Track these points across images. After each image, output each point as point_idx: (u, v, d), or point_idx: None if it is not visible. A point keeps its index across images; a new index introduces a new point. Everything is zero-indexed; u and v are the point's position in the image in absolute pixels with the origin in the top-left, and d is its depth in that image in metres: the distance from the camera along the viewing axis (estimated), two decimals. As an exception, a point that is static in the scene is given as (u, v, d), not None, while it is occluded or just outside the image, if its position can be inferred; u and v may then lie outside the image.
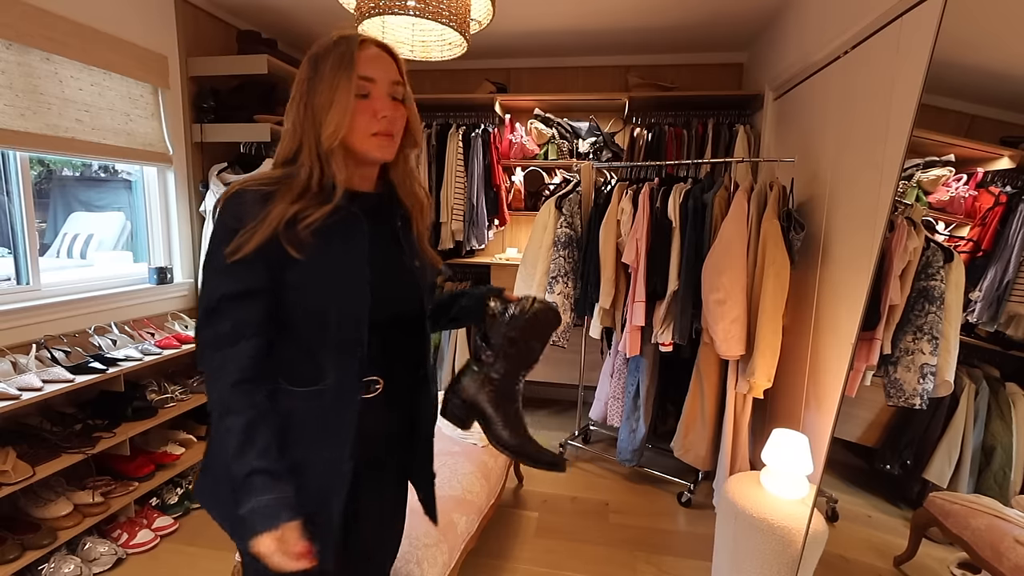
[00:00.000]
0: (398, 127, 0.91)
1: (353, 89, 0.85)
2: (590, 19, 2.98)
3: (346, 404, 0.89)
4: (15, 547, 1.73)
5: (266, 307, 0.86)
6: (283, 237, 0.83)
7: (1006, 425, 1.18)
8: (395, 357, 0.97)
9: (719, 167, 3.03)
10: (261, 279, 0.85)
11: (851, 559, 1.55)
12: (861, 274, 1.74)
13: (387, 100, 0.89)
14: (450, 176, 3.39)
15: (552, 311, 0.99)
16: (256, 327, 0.85)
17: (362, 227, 0.90)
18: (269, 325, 0.87)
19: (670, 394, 2.82)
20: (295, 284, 0.86)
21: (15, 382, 1.76)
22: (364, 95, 0.87)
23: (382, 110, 0.87)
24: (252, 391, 0.84)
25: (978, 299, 1.22)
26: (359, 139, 0.88)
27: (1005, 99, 1.21)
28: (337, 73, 0.85)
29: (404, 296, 0.97)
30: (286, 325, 0.88)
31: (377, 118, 0.87)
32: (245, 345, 0.84)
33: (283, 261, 0.84)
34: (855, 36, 1.90)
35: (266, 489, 0.81)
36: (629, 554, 2.16)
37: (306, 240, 0.84)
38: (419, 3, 1.58)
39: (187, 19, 2.75)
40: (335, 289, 0.88)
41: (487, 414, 1.03)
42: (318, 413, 0.89)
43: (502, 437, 1.03)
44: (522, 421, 1.05)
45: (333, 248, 0.88)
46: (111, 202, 3.24)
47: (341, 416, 0.89)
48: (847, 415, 1.47)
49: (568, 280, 2.68)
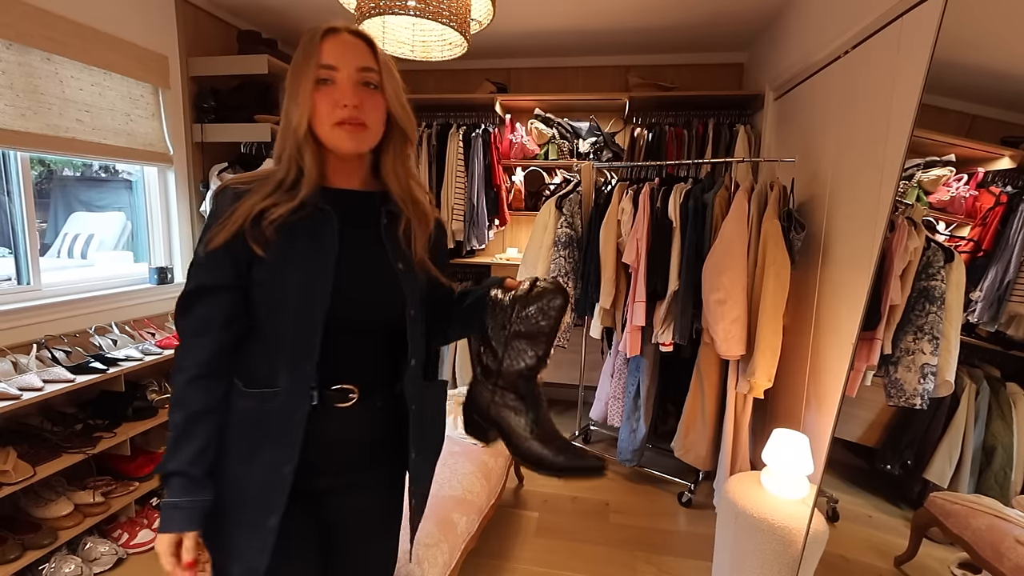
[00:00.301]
0: (371, 116, 0.86)
1: (312, 77, 0.82)
2: (590, 19, 2.98)
3: (293, 410, 0.85)
4: (16, 547, 1.73)
5: (231, 304, 0.85)
6: (248, 234, 0.82)
7: (1007, 425, 1.18)
8: (372, 365, 0.93)
9: (719, 167, 3.03)
10: (227, 275, 0.84)
11: (852, 559, 1.55)
12: (862, 274, 1.73)
13: (352, 87, 0.84)
14: (450, 176, 3.39)
15: (559, 288, 0.88)
16: (219, 323, 0.84)
17: (331, 225, 0.86)
18: (237, 322, 0.86)
19: (670, 394, 2.82)
20: (259, 282, 0.85)
21: (16, 382, 1.76)
22: (324, 81, 0.83)
23: (343, 97, 0.83)
24: (206, 388, 0.84)
25: (979, 299, 1.22)
26: (324, 130, 0.84)
27: (1006, 99, 1.21)
28: (299, 62, 0.84)
29: (381, 300, 0.90)
30: (254, 324, 0.87)
31: (339, 106, 0.83)
32: (205, 340, 0.84)
33: (249, 258, 0.83)
34: (856, 36, 1.90)
35: (182, 492, 0.81)
36: (629, 554, 2.16)
37: (271, 237, 0.82)
38: (419, 3, 1.58)
39: (187, 19, 2.75)
40: (294, 289, 0.84)
41: (505, 424, 0.92)
42: (265, 417, 0.86)
43: (528, 451, 0.90)
44: (550, 424, 0.92)
45: (297, 246, 0.85)
46: (112, 202, 3.24)
47: (287, 422, 0.85)
48: (848, 415, 1.47)
49: (568, 280, 2.68)
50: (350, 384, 0.89)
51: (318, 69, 0.83)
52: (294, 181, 0.85)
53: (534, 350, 0.89)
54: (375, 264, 0.90)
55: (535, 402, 0.92)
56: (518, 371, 0.90)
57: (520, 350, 0.89)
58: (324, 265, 0.85)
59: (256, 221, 0.82)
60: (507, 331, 0.89)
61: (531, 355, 0.89)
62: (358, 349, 0.90)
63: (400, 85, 0.90)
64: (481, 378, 0.95)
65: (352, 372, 0.90)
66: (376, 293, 0.90)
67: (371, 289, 0.90)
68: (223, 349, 0.85)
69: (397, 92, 0.89)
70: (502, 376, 0.91)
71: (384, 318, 0.91)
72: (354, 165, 0.92)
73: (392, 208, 0.92)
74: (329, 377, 0.88)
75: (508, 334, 0.89)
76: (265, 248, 0.82)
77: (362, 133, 0.85)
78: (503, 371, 0.90)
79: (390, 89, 0.88)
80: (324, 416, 0.87)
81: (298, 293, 0.84)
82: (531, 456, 0.90)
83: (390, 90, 0.88)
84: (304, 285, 0.84)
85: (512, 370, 0.90)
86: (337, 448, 0.92)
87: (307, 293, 0.84)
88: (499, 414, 0.92)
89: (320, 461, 0.90)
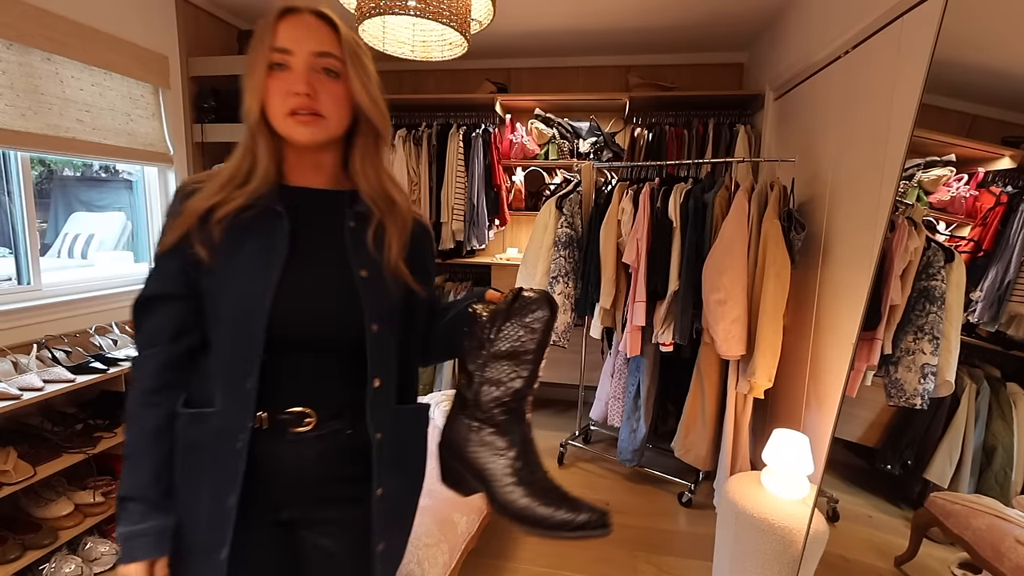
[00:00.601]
0: (328, 106, 0.77)
1: (264, 60, 0.75)
2: (590, 19, 2.98)
3: (233, 435, 0.76)
4: (16, 547, 1.73)
5: (181, 314, 0.78)
6: (195, 237, 0.75)
7: (1007, 425, 1.18)
8: (335, 386, 0.82)
9: (720, 167, 3.03)
10: (176, 284, 0.78)
11: (852, 559, 1.55)
12: (862, 274, 1.73)
13: (306, 73, 0.75)
14: (451, 176, 3.39)
15: (545, 299, 0.75)
16: (168, 334, 0.78)
17: (282, 227, 0.78)
18: (188, 334, 0.79)
19: (671, 394, 2.82)
20: (204, 291, 0.78)
21: (16, 382, 1.76)
22: (278, 66, 0.75)
23: (296, 84, 0.74)
24: (157, 403, 0.78)
25: (979, 299, 1.21)
26: (277, 119, 0.77)
27: (1006, 99, 1.21)
28: (253, 44, 0.76)
29: (334, 313, 0.79)
30: (205, 337, 0.80)
31: (291, 93, 0.75)
32: (153, 352, 0.78)
33: (198, 263, 0.76)
34: (856, 36, 1.90)
35: (140, 518, 0.75)
36: (629, 554, 2.16)
37: (218, 240, 0.76)
38: (420, 3, 1.57)
39: (188, 19, 2.75)
40: (231, 300, 0.76)
41: (481, 467, 0.75)
42: (203, 440, 0.78)
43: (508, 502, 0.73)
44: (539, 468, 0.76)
45: (244, 252, 0.77)
46: (112, 202, 3.25)
47: (226, 447, 0.76)
48: (848, 415, 1.47)
49: (569, 280, 2.68)
50: (306, 407, 0.80)
51: (271, 52, 0.75)
52: (247, 174, 0.78)
53: (517, 373, 0.75)
54: (331, 272, 0.80)
55: (519, 439, 0.76)
56: (496, 399, 0.75)
57: (499, 373, 0.75)
58: (268, 275, 0.76)
59: (204, 221, 0.76)
60: (485, 351, 0.75)
61: (512, 379, 0.75)
62: (315, 368, 0.80)
63: (370, 74, 0.81)
64: (457, 410, 0.80)
65: (309, 394, 0.80)
66: (327, 304, 0.80)
67: (322, 300, 0.79)
68: (172, 362, 0.79)
69: (365, 82, 0.80)
70: (479, 407, 0.76)
71: (342, 333, 0.80)
72: (317, 160, 0.83)
73: (361, 209, 0.83)
74: (282, 399, 0.79)
75: (486, 355, 0.75)
76: (212, 253, 0.76)
77: (316, 124, 0.77)
78: (480, 400, 0.76)
79: (355, 78, 0.78)
80: (277, 443, 0.79)
81: (234, 305, 0.76)
82: (513, 509, 0.73)
83: (355, 79, 0.78)
84: (241, 296, 0.76)
85: (489, 398, 0.75)
86: (295, 479, 0.82)
87: (243, 305, 0.76)
88: (475, 455, 0.76)
89: (279, 492, 0.82)
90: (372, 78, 0.81)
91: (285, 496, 0.83)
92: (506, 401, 0.76)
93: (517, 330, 0.74)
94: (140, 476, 0.77)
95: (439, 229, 3.43)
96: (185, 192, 0.79)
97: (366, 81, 0.80)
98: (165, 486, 0.78)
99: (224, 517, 0.76)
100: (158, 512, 0.76)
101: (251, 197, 0.77)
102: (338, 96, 0.78)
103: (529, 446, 0.77)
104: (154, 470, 0.77)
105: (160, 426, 0.78)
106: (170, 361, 0.79)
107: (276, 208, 0.78)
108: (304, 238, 0.79)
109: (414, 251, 0.87)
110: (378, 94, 0.82)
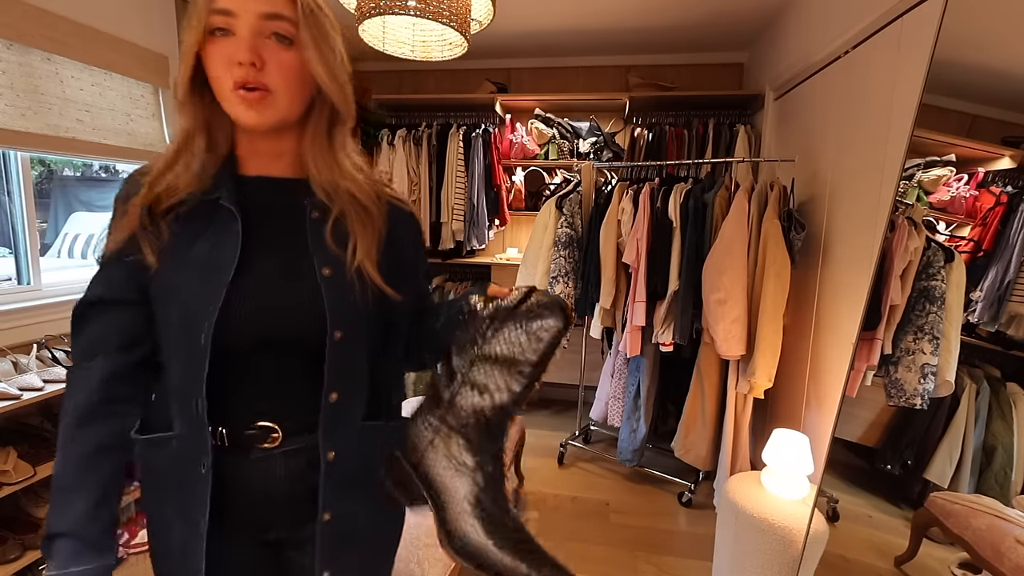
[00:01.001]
0: (276, 79, 0.65)
1: (201, 23, 0.63)
2: (590, 19, 2.98)
3: (196, 457, 0.68)
4: (16, 547, 1.73)
5: (130, 322, 0.70)
6: (141, 233, 0.67)
7: (1007, 425, 1.18)
8: (300, 398, 0.72)
9: (720, 167, 3.03)
10: (125, 288, 0.69)
11: (852, 559, 1.55)
12: (862, 274, 1.73)
13: (251, 39, 0.63)
14: (450, 176, 3.39)
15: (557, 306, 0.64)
16: (115, 343, 0.69)
17: (233, 222, 0.68)
18: (140, 344, 0.70)
19: (671, 394, 2.82)
20: (154, 295, 0.69)
21: (16, 382, 1.76)
22: (220, 31, 0.64)
23: (237, 53, 0.63)
24: (101, 419, 0.68)
25: (979, 299, 1.21)
26: (222, 96, 0.66)
27: (1006, 99, 1.21)
28: (190, 8, 0.65)
29: (291, 316, 0.70)
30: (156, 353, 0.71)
31: (233, 63, 0.63)
32: (96, 363, 0.68)
33: (145, 266, 0.68)
34: (856, 36, 1.90)
35: (71, 559, 0.64)
36: (629, 554, 2.16)
37: (164, 236, 0.67)
38: (420, 3, 1.57)
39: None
40: (179, 306, 0.68)
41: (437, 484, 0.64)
42: (165, 464, 0.70)
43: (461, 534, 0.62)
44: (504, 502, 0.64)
45: (194, 250, 0.68)
46: (112, 202, 3.24)
47: (189, 469, 0.68)
48: (848, 415, 1.47)
49: (569, 280, 2.68)
50: (271, 422, 0.71)
51: (210, 14, 0.63)
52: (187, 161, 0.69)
53: (507, 384, 0.63)
54: (289, 270, 0.70)
55: (490, 461, 0.64)
56: (475, 408, 0.64)
57: (487, 378, 0.63)
58: (218, 277, 0.67)
59: (149, 219, 0.67)
60: (476, 348, 0.64)
61: (500, 390, 0.63)
62: (276, 379, 0.71)
63: (331, 42, 0.68)
64: (428, 408, 0.69)
65: (272, 409, 0.72)
66: (284, 304, 0.69)
67: (278, 299, 0.69)
68: (120, 374, 0.69)
69: (323, 51, 0.67)
70: (453, 411, 0.65)
71: (300, 338, 0.70)
72: (276, 147, 0.72)
73: (316, 200, 0.72)
74: (244, 414, 0.71)
75: (476, 353, 0.64)
76: (158, 255, 0.67)
77: (264, 102, 0.65)
78: (456, 403, 0.64)
79: (311, 45, 0.66)
80: (242, 461, 0.71)
81: (180, 310, 0.67)
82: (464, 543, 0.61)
83: (311, 46, 0.66)
84: (189, 299, 0.67)
85: (467, 404, 0.64)
86: (264, 498, 0.73)
87: (190, 310, 0.67)
88: (433, 466, 0.65)
89: (253, 513, 0.74)
90: (333, 47, 0.69)
91: (261, 516, 0.75)
92: (486, 414, 0.64)
93: (519, 335, 0.63)
94: (73, 509, 0.65)
95: (439, 229, 3.43)
96: (131, 184, 0.71)
97: (325, 50, 0.67)
98: (104, 522, 0.67)
99: (196, 543, 0.68)
100: (92, 553, 0.65)
101: (197, 189, 0.68)
102: (289, 67, 0.66)
103: (499, 473, 0.65)
104: (90, 502, 0.66)
105: (101, 447, 0.67)
106: (117, 372, 0.69)
107: (225, 204, 0.69)
108: (259, 235, 0.70)
109: (393, 244, 0.76)
110: (339, 66, 0.70)
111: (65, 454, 0.67)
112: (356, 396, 0.74)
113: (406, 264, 0.79)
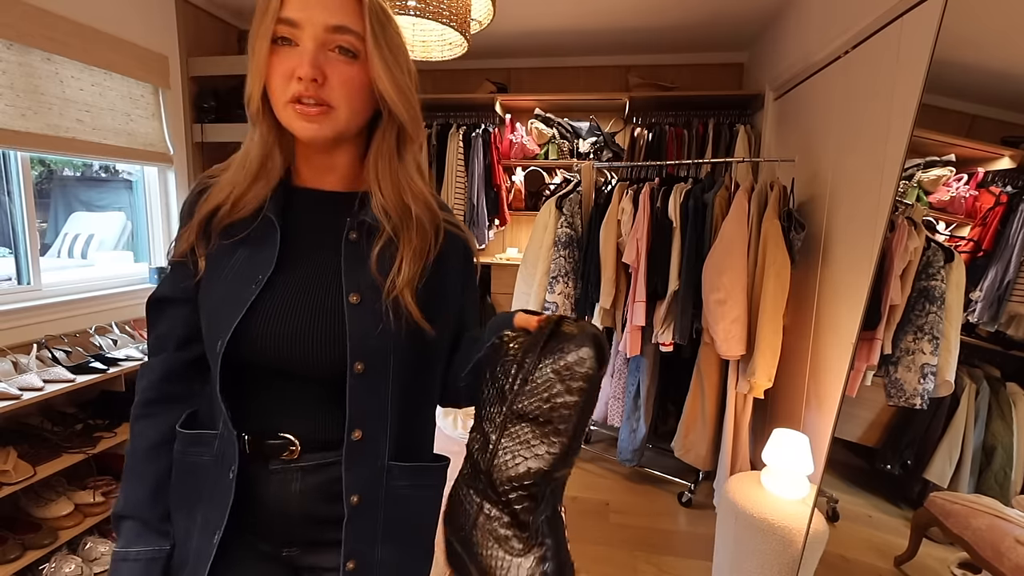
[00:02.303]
0: (339, 95, 0.63)
1: (267, 34, 0.62)
2: (590, 19, 2.98)
3: (226, 464, 0.68)
4: (16, 547, 1.73)
5: (186, 320, 0.72)
6: (199, 246, 0.69)
7: (1007, 425, 1.18)
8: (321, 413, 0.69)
9: (719, 167, 3.03)
10: (182, 287, 0.71)
11: (852, 559, 1.55)
12: (862, 274, 1.73)
13: (314, 52, 0.61)
14: (450, 176, 3.39)
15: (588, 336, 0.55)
16: (175, 342, 0.72)
17: (273, 236, 0.67)
18: (196, 342, 0.71)
19: (670, 394, 2.82)
20: (197, 297, 0.71)
21: (16, 382, 1.76)
22: (283, 40, 0.62)
23: (300, 66, 0.61)
24: (157, 415, 0.72)
25: (979, 299, 1.21)
26: (278, 107, 0.64)
27: (1006, 99, 1.21)
28: (256, 14, 0.63)
29: (309, 343, 0.66)
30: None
31: (293, 77, 0.61)
32: (158, 360, 0.73)
33: (197, 267, 0.70)
34: (856, 36, 1.90)
35: (136, 540, 0.68)
36: (629, 554, 2.16)
37: (213, 241, 0.69)
38: (420, 3, 1.58)
39: (188, 19, 2.75)
40: (209, 312, 0.69)
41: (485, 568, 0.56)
42: (202, 467, 0.71)
43: None
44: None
45: (233, 261, 0.68)
46: (112, 202, 3.25)
47: (219, 475, 0.68)
48: (848, 415, 1.47)
49: (569, 280, 2.68)
50: (290, 434, 0.68)
51: (276, 24, 0.61)
52: (252, 172, 0.68)
53: (543, 445, 0.54)
54: (316, 293, 0.67)
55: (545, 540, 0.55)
56: (513, 479, 0.55)
57: (519, 444, 0.54)
58: (246, 291, 0.65)
59: (207, 227, 0.69)
60: (505, 406, 0.56)
61: (535, 456, 0.54)
62: (299, 397, 0.69)
63: (399, 55, 0.66)
64: (467, 480, 0.62)
65: (292, 424, 0.69)
66: (303, 331, 0.66)
67: (298, 325, 0.66)
68: (175, 372, 0.73)
69: (391, 68, 0.64)
70: (492, 484, 0.57)
71: (318, 368, 0.67)
72: (329, 161, 0.71)
73: (367, 219, 0.68)
74: (268, 424, 0.69)
75: (506, 412, 0.55)
76: (207, 262, 0.69)
77: (323, 118, 0.63)
78: (492, 475, 0.56)
79: (378, 60, 0.63)
80: (262, 469, 0.69)
81: (207, 319, 0.69)
82: None
83: (378, 61, 0.63)
84: (215, 310, 0.67)
85: (504, 476, 0.55)
86: (277, 512, 0.70)
87: (214, 320, 0.67)
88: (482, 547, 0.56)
89: (268, 526, 0.71)
90: (402, 63, 0.66)
91: (274, 531, 0.72)
92: (527, 484, 0.54)
93: (550, 378, 0.53)
94: (136, 493, 0.70)
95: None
96: (198, 191, 0.72)
97: (392, 64, 0.64)
98: (164, 508, 0.71)
99: (205, 556, 0.67)
100: (152, 535, 0.69)
101: (251, 200, 0.68)
102: (353, 82, 0.63)
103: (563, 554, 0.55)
104: (151, 488, 0.70)
105: (158, 441, 0.71)
106: (173, 370, 0.73)
107: (268, 215, 0.68)
108: (296, 250, 0.68)
109: (440, 274, 0.71)
110: (407, 81, 0.67)
111: (132, 445, 0.72)
112: (381, 434, 0.68)
113: (447, 297, 0.73)
